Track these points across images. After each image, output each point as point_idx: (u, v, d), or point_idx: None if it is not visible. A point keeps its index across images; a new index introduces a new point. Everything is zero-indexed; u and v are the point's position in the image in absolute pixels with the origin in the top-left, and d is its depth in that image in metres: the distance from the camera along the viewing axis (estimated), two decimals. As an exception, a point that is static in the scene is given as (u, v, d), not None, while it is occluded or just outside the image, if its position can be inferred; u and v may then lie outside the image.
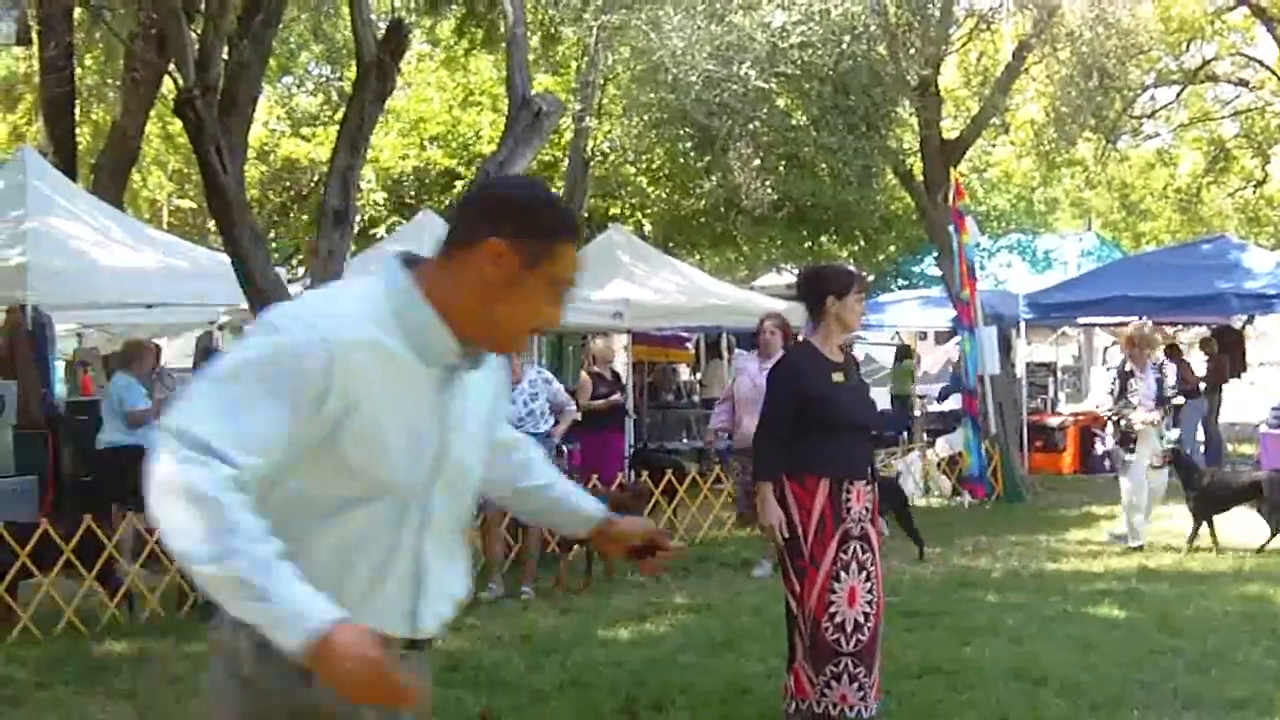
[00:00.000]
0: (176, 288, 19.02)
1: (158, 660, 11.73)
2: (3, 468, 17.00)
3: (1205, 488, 17.01)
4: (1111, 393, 17.14)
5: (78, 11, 26.32)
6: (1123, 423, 17.18)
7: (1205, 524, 16.94)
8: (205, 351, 21.03)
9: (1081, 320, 30.64)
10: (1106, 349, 37.27)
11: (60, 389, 22.79)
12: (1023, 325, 26.32)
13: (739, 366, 16.74)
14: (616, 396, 19.61)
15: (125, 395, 16.33)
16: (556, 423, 15.70)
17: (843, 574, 8.85)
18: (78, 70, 28.93)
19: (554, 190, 21.71)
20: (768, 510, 8.98)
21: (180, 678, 11.07)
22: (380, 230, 35.34)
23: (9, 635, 12.39)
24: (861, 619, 8.87)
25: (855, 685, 8.83)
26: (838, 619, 8.83)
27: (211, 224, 31.25)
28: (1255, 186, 44.68)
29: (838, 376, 9.05)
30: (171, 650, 12.07)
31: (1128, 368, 17.22)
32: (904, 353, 32.63)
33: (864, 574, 8.91)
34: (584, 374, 19.73)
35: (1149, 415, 17.06)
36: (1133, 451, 17.12)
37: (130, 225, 21.82)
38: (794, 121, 27.04)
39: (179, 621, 12.92)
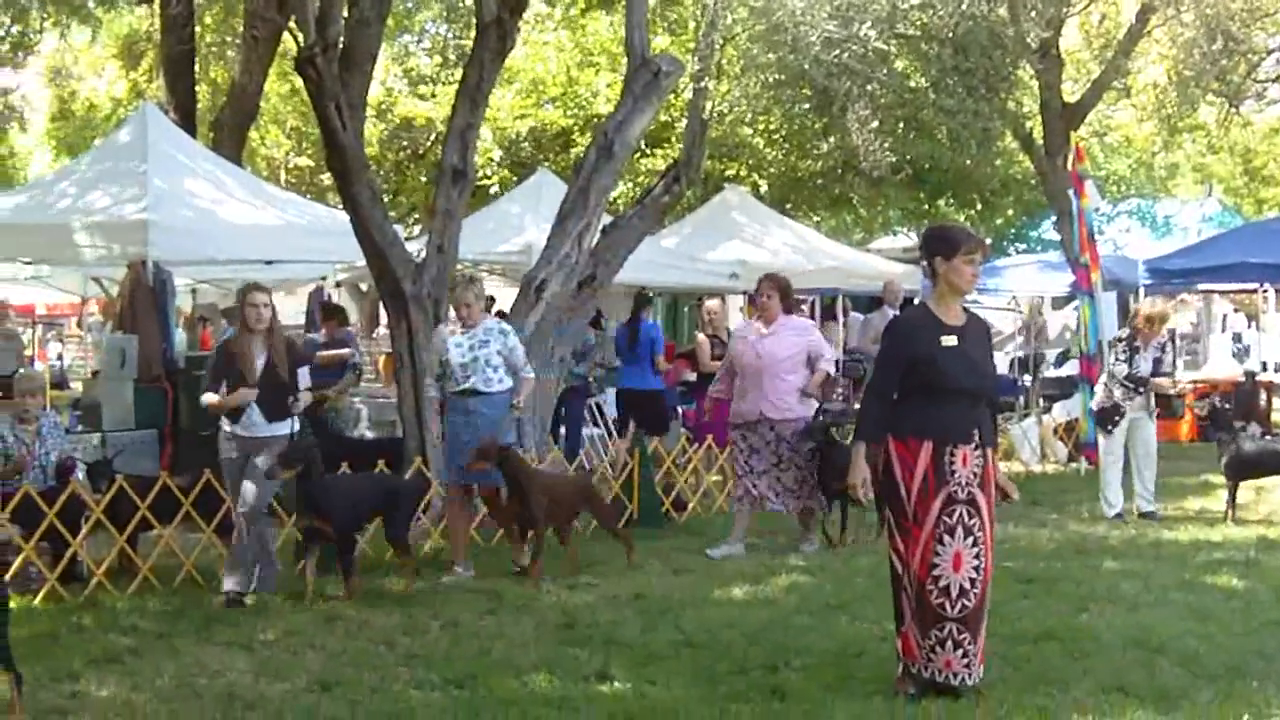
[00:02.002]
0: (294, 244, 19.16)
1: (274, 613, 11.84)
2: (124, 421, 17.17)
3: (1236, 453, 16.79)
4: (1126, 360, 16.89)
5: (199, -30, 26.55)
6: (1115, 392, 17.08)
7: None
8: (320, 307, 21.19)
9: (1201, 286, 30.36)
10: (1226, 316, 36.95)
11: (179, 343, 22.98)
12: (1142, 291, 26.02)
13: (736, 335, 15.58)
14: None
15: None
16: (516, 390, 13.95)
17: (947, 537, 8.85)
18: (198, 28, 29.14)
19: (671, 152, 21.59)
20: (857, 468, 9.14)
21: (296, 631, 11.17)
22: (493, 186, 35.38)
23: (129, 586, 12.52)
24: (967, 584, 8.85)
25: (960, 652, 8.82)
26: (942, 583, 8.83)
27: (329, 181, 31.48)
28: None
29: (949, 340, 8.99)
30: (288, 603, 12.18)
31: (1136, 343, 16.95)
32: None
33: (970, 539, 8.89)
34: (700, 335, 19.64)
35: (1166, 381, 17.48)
36: (1115, 425, 17.06)
37: (249, 182, 21.99)
38: (913, 83, 26.87)
39: (295, 575, 13.00)
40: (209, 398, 12.63)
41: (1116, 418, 17.01)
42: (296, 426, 12.69)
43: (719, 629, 11.05)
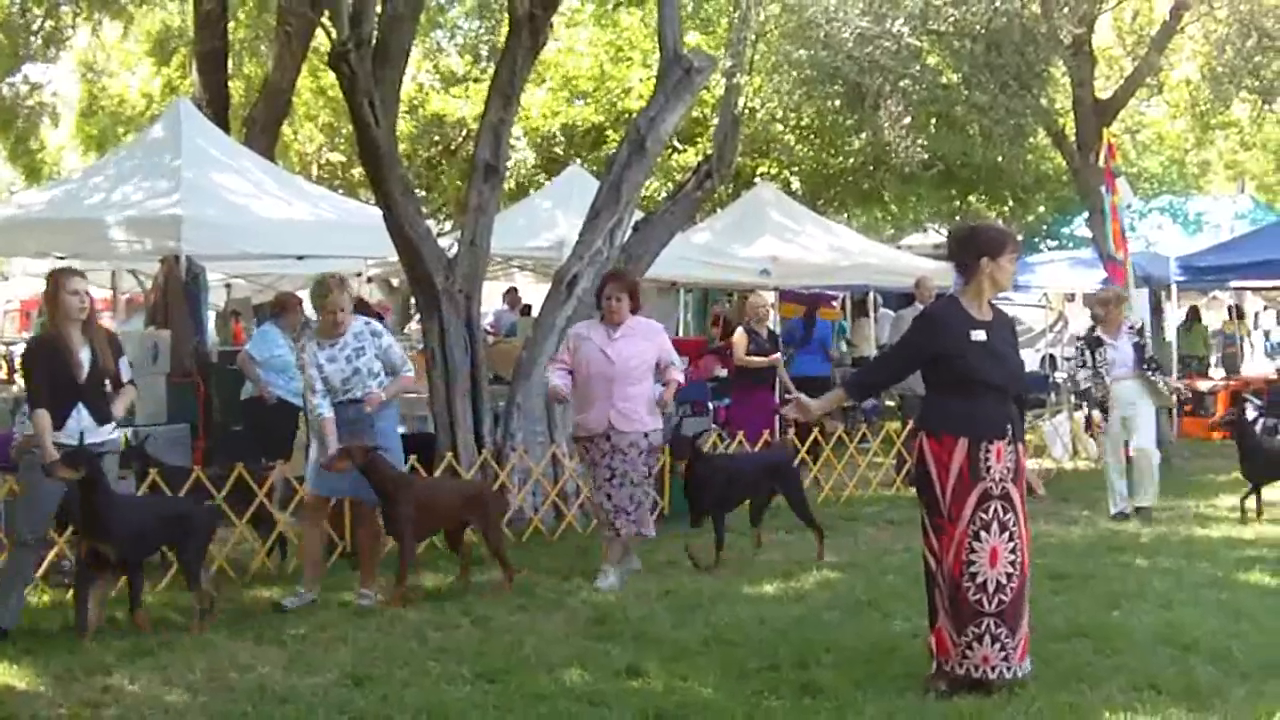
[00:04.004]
0: (327, 240, 19.21)
1: (305, 608, 11.87)
2: (156, 416, 17.23)
3: (1257, 455, 16.72)
4: (1083, 364, 16.73)
5: (232, -35, 26.63)
6: (1092, 392, 16.94)
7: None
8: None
9: (1233, 283, 30.25)
10: (1259, 313, 36.85)
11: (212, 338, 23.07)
12: (1174, 288, 26.00)
13: (578, 334, 13.59)
14: (776, 356, 19.48)
15: (258, 345, 16.61)
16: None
17: (983, 533, 8.88)
18: (231, 24, 29.23)
19: (703, 148, 21.55)
20: (815, 405, 9.74)
21: (327, 625, 11.22)
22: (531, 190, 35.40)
23: (161, 580, 12.54)
24: (1004, 579, 8.88)
25: (997, 646, 8.84)
26: (979, 579, 8.85)
27: (361, 176, 31.53)
28: None
29: (978, 335, 9.04)
30: (319, 598, 12.21)
31: (1096, 334, 16.72)
32: (1194, 314, 32.66)
33: (1006, 534, 8.92)
34: (739, 330, 19.65)
35: (1173, 384, 17.57)
36: (1108, 416, 16.93)
37: (282, 177, 22.06)
38: (945, 80, 26.81)
39: (328, 570, 13.01)
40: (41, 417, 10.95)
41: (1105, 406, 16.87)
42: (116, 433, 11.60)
43: (750, 625, 11.07)
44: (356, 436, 12.13)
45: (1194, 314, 32.91)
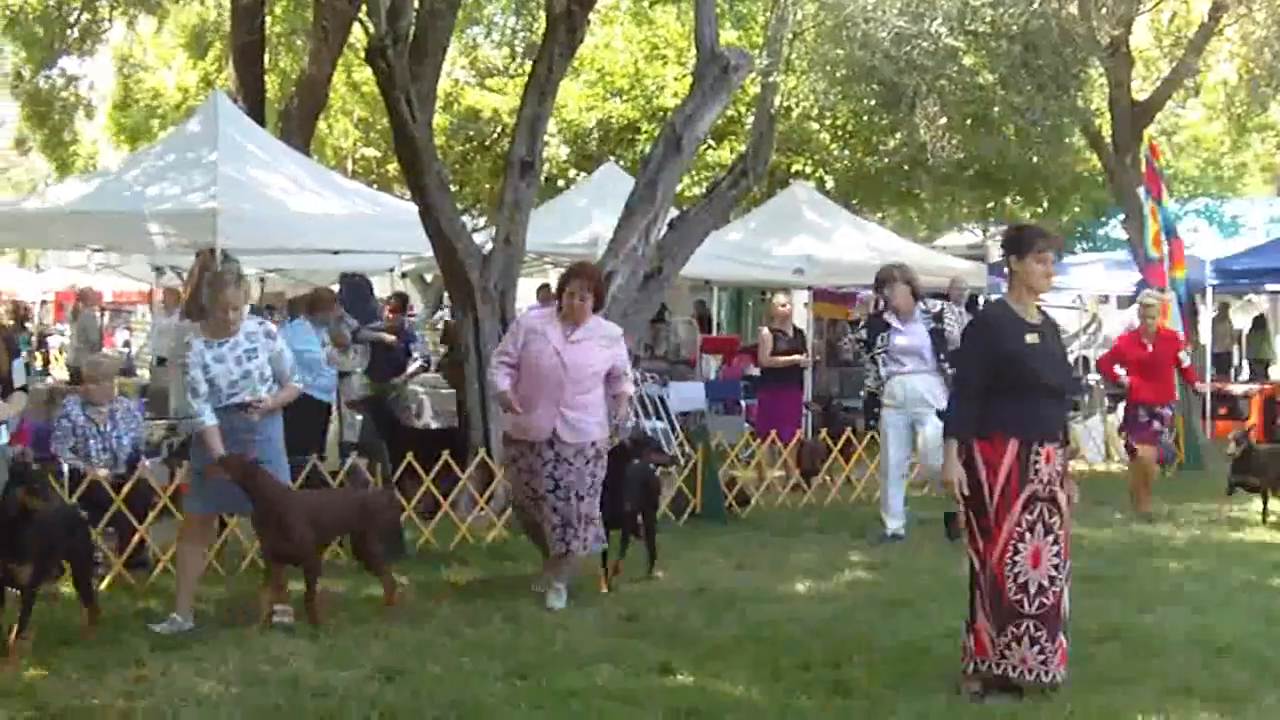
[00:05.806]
0: (363, 235, 19.19)
1: (339, 601, 11.87)
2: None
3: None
4: (861, 341, 15.49)
5: (270, -40, 26.63)
6: (869, 382, 15.42)
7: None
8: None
9: (1269, 286, 30.14)
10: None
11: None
12: (1209, 291, 25.92)
13: (530, 327, 12.33)
14: (801, 357, 19.44)
15: (286, 339, 16.64)
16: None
17: (1028, 535, 8.85)
18: (268, 18, 29.25)
19: (736, 146, 21.48)
20: (950, 467, 9.01)
21: (360, 620, 11.20)
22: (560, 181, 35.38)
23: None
24: (1046, 582, 8.86)
25: (1036, 649, 8.81)
26: (1020, 580, 8.83)
27: (395, 171, 31.51)
28: None
29: (1031, 337, 9.02)
30: (352, 592, 12.21)
31: (886, 317, 15.19)
32: (1260, 320, 32.65)
33: (1050, 537, 8.90)
34: (764, 330, 19.64)
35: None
36: (876, 419, 15.62)
37: (318, 172, 22.02)
38: (981, 80, 26.76)
39: (360, 564, 13.01)
40: None
41: (876, 409, 15.45)
42: (5, 438, 10.84)
43: (782, 624, 11.06)
44: (241, 446, 11.13)
45: (1260, 320, 32.88)
